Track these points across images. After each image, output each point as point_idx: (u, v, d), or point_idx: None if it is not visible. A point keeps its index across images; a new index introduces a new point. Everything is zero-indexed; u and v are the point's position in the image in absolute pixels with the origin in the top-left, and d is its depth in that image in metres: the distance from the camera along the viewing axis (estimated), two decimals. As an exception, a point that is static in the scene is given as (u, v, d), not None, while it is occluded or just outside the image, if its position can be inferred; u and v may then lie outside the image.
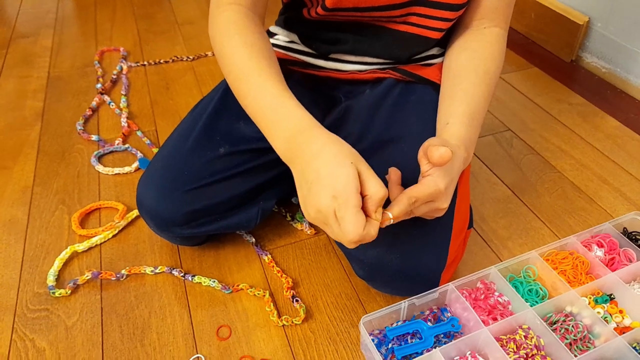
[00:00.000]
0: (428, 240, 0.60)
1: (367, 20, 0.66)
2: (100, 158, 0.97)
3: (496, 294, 0.67)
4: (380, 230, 0.59)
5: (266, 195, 0.72)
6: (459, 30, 0.68)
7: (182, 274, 0.74)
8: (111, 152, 0.99)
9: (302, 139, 0.52)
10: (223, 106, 0.72)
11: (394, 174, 0.55)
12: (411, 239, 0.60)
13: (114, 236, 0.81)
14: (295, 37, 0.74)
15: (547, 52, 1.31)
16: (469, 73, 0.63)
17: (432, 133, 0.64)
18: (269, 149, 0.71)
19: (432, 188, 0.52)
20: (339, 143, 0.51)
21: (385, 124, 0.69)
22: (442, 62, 0.72)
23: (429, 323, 0.63)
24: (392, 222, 0.51)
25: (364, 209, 0.48)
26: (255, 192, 0.71)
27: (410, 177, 0.56)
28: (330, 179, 0.47)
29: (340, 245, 0.67)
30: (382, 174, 0.56)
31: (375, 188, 0.48)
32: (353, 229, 0.46)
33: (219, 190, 0.67)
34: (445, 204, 0.54)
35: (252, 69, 0.57)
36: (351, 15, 0.65)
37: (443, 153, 0.48)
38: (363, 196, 0.48)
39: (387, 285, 0.66)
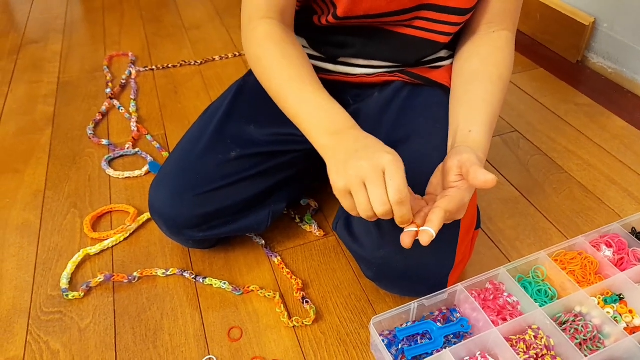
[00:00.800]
0: (435, 242, 0.61)
1: (376, 25, 0.67)
2: (110, 162, 0.98)
3: (505, 294, 0.67)
4: (387, 231, 0.60)
5: (277, 198, 0.73)
6: (468, 34, 0.69)
7: (193, 276, 0.75)
8: (121, 156, 1.00)
9: (351, 132, 0.55)
10: (233, 110, 0.73)
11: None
12: (418, 239, 0.60)
13: (125, 239, 0.82)
14: (304, 42, 0.75)
15: (553, 53, 1.31)
16: (484, 80, 0.63)
17: (440, 133, 0.65)
18: (280, 153, 0.73)
19: (460, 202, 0.52)
20: (374, 140, 0.54)
21: (394, 126, 0.69)
22: (451, 64, 0.73)
23: (438, 324, 0.64)
24: (434, 237, 0.50)
25: None
26: (266, 195, 0.72)
27: (419, 178, 0.56)
28: (380, 147, 0.51)
29: (349, 246, 0.68)
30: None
31: (396, 178, 0.49)
32: (402, 186, 0.47)
33: (230, 193, 0.68)
34: (462, 215, 0.55)
35: (292, 77, 0.59)
36: (361, 22, 0.66)
37: (490, 180, 0.48)
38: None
39: (395, 286, 0.67)
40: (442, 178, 0.57)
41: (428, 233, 0.49)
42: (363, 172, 0.48)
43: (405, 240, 0.51)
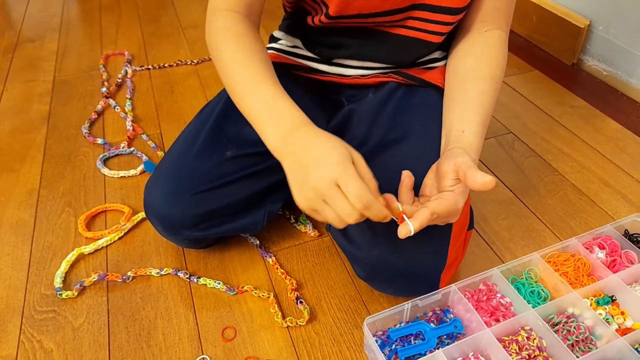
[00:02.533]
0: (427, 241, 0.61)
1: (370, 25, 0.67)
2: (105, 161, 0.98)
3: (498, 295, 0.68)
4: (380, 231, 0.60)
5: (273, 198, 0.73)
6: (461, 33, 0.69)
7: (187, 276, 0.75)
8: (116, 155, 1.00)
9: (298, 135, 0.54)
10: (229, 110, 0.73)
11: (409, 178, 0.55)
12: (411, 239, 0.60)
13: (119, 238, 0.82)
14: (298, 42, 0.75)
15: (549, 55, 1.32)
16: (477, 79, 0.63)
17: (435, 133, 0.65)
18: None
19: (453, 206, 0.53)
20: (331, 135, 0.53)
21: (389, 127, 0.70)
22: (445, 65, 0.73)
23: (431, 324, 0.64)
24: (411, 234, 0.51)
25: None
26: (262, 195, 0.72)
27: (414, 179, 0.56)
28: (327, 158, 0.49)
29: (342, 247, 0.68)
30: (385, 176, 0.57)
31: (368, 176, 0.50)
32: (360, 192, 0.47)
33: (226, 193, 0.68)
34: (455, 219, 0.55)
35: (247, 72, 0.58)
36: (354, 22, 0.66)
37: (488, 182, 0.48)
38: None
39: (387, 286, 0.67)
40: (435, 180, 0.57)
41: (406, 227, 0.50)
42: (319, 192, 0.49)
43: (400, 231, 0.51)
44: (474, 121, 0.60)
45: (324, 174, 0.48)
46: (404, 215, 0.51)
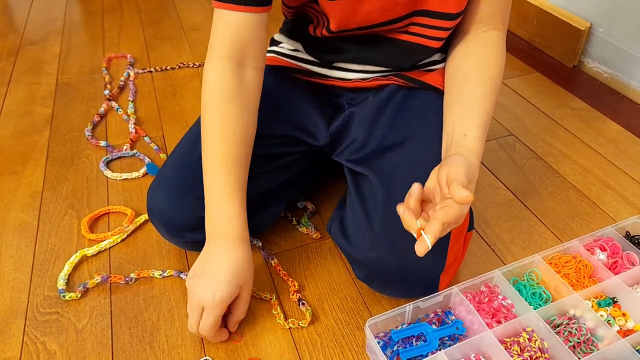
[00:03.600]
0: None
1: (372, 32, 0.68)
2: (108, 163, 0.99)
3: (500, 297, 0.68)
4: (380, 232, 0.61)
5: (275, 199, 0.74)
6: (459, 35, 0.69)
7: (190, 278, 0.75)
8: (119, 157, 1.00)
9: (216, 240, 0.63)
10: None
11: (419, 189, 0.54)
12: (409, 241, 0.60)
13: (122, 240, 0.82)
14: (299, 46, 0.76)
15: (550, 58, 1.32)
16: (477, 82, 0.63)
17: (435, 136, 0.65)
18: (278, 155, 0.73)
19: (459, 212, 0.52)
20: (237, 268, 0.62)
21: (389, 129, 0.70)
22: (444, 67, 0.73)
23: (433, 326, 0.64)
24: (429, 249, 0.51)
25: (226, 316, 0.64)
26: (265, 197, 0.72)
27: (413, 180, 0.57)
28: (214, 285, 0.61)
29: (342, 248, 0.68)
30: (386, 177, 0.57)
31: (241, 310, 0.65)
32: (208, 329, 0.62)
33: None
34: (460, 223, 0.55)
35: (216, 153, 0.63)
36: (355, 33, 0.66)
37: (466, 197, 0.49)
38: (230, 308, 0.64)
39: (387, 287, 0.67)
40: (436, 183, 0.57)
41: (424, 244, 0.50)
42: (193, 300, 0.62)
43: (419, 249, 0.51)
44: (475, 124, 0.60)
45: (203, 295, 0.60)
46: (422, 231, 0.51)
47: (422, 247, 0.50)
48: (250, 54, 0.63)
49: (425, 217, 0.53)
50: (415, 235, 0.52)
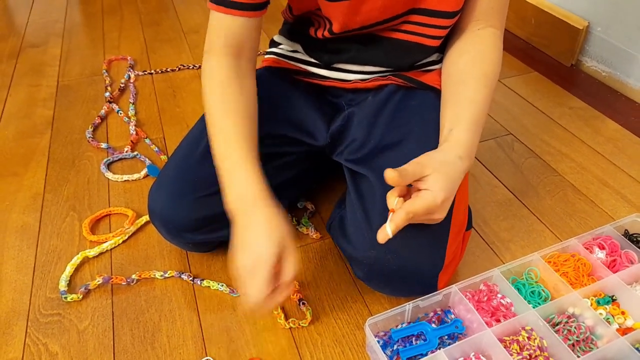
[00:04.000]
0: (425, 241, 0.62)
1: (371, 32, 0.68)
2: (109, 165, 0.99)
3: (499, 295, 0.68)
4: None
5: (275, 200, 0.74)
6: (456, 33, 0.69)
7: (191, 278, 0.75)
8: (120, 159, 1.01)
9: (243, 209, 0.59)
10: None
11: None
12: (408, 239, 0.61)
13: (124, 242, 0.83)
14: (298, 47, 0.76)
15: (548, 57, 1.33)
16: (469, 79, 0.64)
17: (433, 136, 0.66)
18: (278, 155, 0.73)
19: (430, 203, 0.53)
20: (270, 222, 0.57)
21: (387, 129, 0.70)
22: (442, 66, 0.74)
23: (433, 325, 0.65)
24: (390, 236, 0.54)
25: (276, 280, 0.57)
26: None
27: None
28: (256, 249, 0.56)
29: (341, 247, 0.69)
30: (383, 178, 0.57)
31: (288, 270, 0.56)
32: (255, 297, 0.55)
33: None
34: (441, 216, 0.56)
35: (223, 127, 0.61)
36: (356, 33, 0.67)
37: (387, 173, 0.51)
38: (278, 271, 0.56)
39: (386, 286, 0.68)
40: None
41: (383, 231, 0.53)
42: (238, 273, 0.57)
43: (379, 236, 0.54)
44: (464, 119, 0.60)
45: (245, 263, 0.56)
46: (388, 216, 0.53)
47: (381, 234, 0.53)
48: (245, 50, 0.65)
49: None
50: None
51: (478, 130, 0.61)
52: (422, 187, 0.55)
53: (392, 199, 0.54)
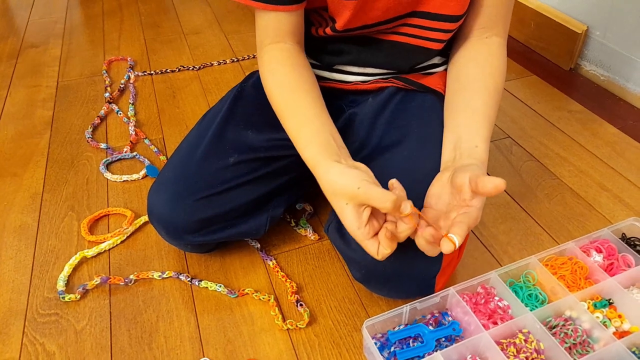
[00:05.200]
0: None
1: (371, 33, 0.68)
2: (108, 166, 0.99)
3: (496, 298, 0.68)
4: None
5: (275, 202, 0.74)
6: (461, 39, 0.70)
7: (189, 279, 0.75)
8: (119, 159, 1.01)
9: (329, 169, 0.56)
10: (232, 116, 0.74)
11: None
12: (406, 242, 0.61)
13: (122, 242, 0.83)
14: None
15: (547, 61, 1.33)
16: (484, 92, 0.64)
17: (433, 137, 0.66)
18: (278, 157, 0.74)
19: (476, 219, 0.53)
20: (339, 181, 0.55)
21: (387, 129, 0.70)
22: (444, 70, 0.74)
23: (430, 327, 0.65)
24: (455, 249, 0.52)
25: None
26: (265, 200, 0.73)
27: (409, 182, 0.57)
28: (348, 187, 0.53)
29: (339, 249, 0.69)
30: (384, 178, 0.57)
31: (380, 203, 0.50)
32: (349, 229, 0.54)
33: (229, 198, 0.68)
34: (478, 222, 0.56)
35: (293, 104, 0.62)
36: (358, 33, 0.67)
37: (499, 184, 0.49)
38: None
39: (383, 288, 0.68)
40: (443, 190, 0.56)
41: (453, 241, 0.51)
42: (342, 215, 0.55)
43: (445, 247, 0.52)
44: (483, 137, 0.61)
45: (337, 208, 0.55)
46: (452, 235, 0.52)
47: (449, 246, 0.51)
48: (296, 33, 0.67)
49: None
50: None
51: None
52: (465, 203, 0.54)
53: (406, 204, 0.53)
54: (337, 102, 0.78)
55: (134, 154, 1.01)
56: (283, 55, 0.65)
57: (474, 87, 0.65)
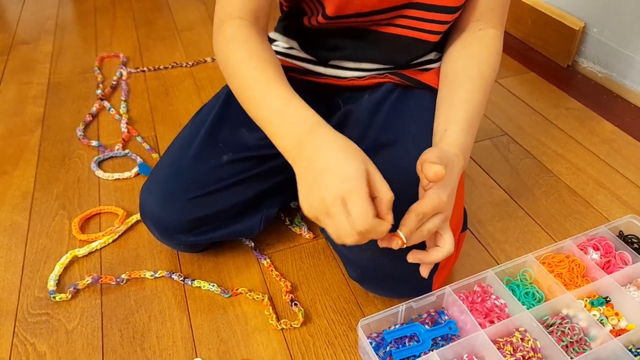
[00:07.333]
0: (419, 243, 0.61)
1: (366, 25, 0.67)
2: (100, 163, 0.98)
3: (493, 297, 0.68)
4: None
5: (269, 203, 0.73)
6: (455, 33, 0.69)
7: (181, 279, 0.74)
8: (111, 157, 1.00)
9: (310, 138, 0.50)
10: (225, 113, 0.73)
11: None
12: None
13: (114, 241, 0.81)
14: (294, 44, 0.75)
15: (544, 58, 1.32)
16: (465, 79, 0.63)
17: (429, 136, 0.65)
18: (272, 156, 0.72)
19: (436, 201, 0.52)
20: (347, 141, 0.50)
21: (383, 128, 0.70)
22: (440, 66, 0.73)
23: (426, 326, 0.64)
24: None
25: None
26: (259, 200, 0.72)
27: (407, 179, 0.56)
28: (340, 169, 0.46)
29: (335, 248, 0.68)
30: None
31: (384, 188, 0.47)
32: (363, 217, 0.44)
33: (223, 197, 0.67)
34: (449, 213, 0.55)
35: (256, 77, 0.56)
36: (351, 22, 0.66)
37: (437, 171, 0.48)
38: (372, 198, 0.47)
39: (380, 287, 0.67)
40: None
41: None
42: (324, 204, 0.46)
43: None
44: (458, 119, 0.59)
45: (332, 186, 0.45)
46: (399, 232, 0.51)
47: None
48: (261, 13, 0.62)
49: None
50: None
51: (472, 131, 0.61)
52: (426, 188, 0.54)
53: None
54: (333, 98, 0.77)
55: (126, 151, 1.00)
56: (245, 31, 0.60)
57: (459, 78, 0.64)
